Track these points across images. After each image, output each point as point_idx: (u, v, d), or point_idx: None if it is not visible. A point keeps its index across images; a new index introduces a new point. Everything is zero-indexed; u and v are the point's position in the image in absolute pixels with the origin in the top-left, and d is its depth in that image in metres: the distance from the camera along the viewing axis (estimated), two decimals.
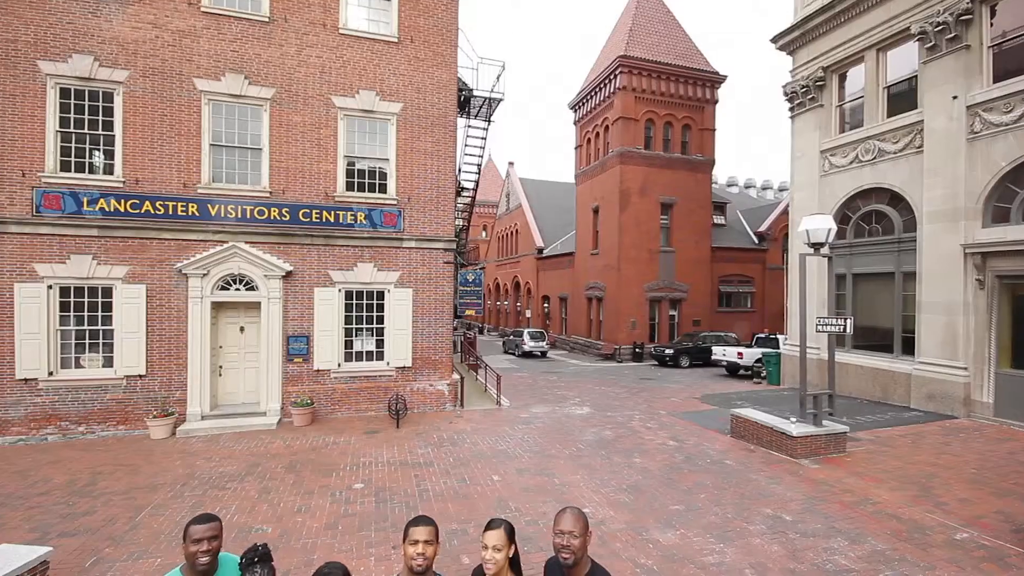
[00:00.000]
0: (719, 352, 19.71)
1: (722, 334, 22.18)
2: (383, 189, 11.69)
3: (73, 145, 9.93)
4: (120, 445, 9.34)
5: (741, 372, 19.26)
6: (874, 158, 13.21)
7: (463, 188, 17.39)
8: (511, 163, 41.20)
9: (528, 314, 36.37)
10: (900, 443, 9.30)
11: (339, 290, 11.33)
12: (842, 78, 14.52)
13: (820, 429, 8.58)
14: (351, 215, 11.37)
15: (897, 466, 8.06)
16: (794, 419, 8.91)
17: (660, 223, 24.75)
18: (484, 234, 52.04)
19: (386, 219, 11.61)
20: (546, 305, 34.19)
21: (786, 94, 15.75)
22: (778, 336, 19.25)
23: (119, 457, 8.63)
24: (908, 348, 12.54)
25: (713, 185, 28.25)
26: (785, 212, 26.74)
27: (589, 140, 27.46)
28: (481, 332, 42.24)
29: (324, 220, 11.19)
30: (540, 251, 34.00)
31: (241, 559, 2.28)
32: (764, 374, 17.00)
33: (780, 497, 6.93)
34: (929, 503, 6.66)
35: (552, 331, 31.95)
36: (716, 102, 25.53)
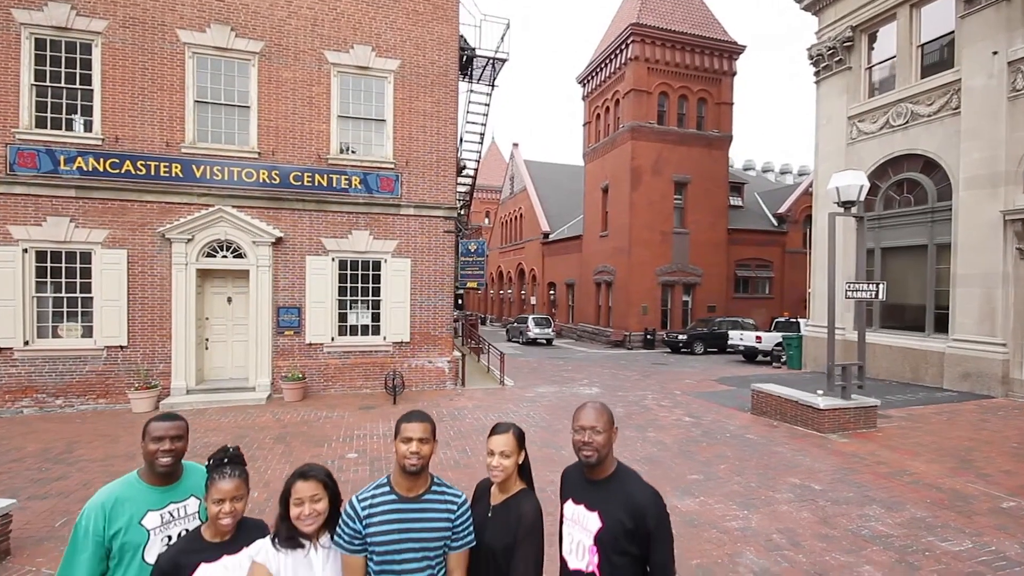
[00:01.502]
0: (736, 336, 19.43)
1: (739, 320, 21.89)
2: (379, 152, 11.44)
3: (49, 100, 9.72)
4: (100, 418, 9.19)
5: (760, 358, 18.99)
6: (906, 122, 12.85)
7: (464, 166, 17.11)
8: (515, 144, 40.80)
9: (533, 301, 36.13)
10: (934, 420, 9.04)
11: (332, 259, 11.12)
12: (872, 38, 14.13)
13: (849, 402, 8.32)
14: (345, 179, 11.13)
15: (933, 441, 7.81)
16: (820, 392, 8.65)
17: (673, 203, 24.41)
18: (487, 220, 51.74)
19: (382, 184, 11.37)
20: (552, 292, 33.95)
21: (811, 57, 15.38)
22: (799, 320, 18.93)
23: (98, 428, 8.47)
24: (941, 325, 12.24)
25: (729, 168, 27.86)
26: (807, 193, 26.35)
27: (598, 115, 27.10)
28: (483, 323, 42.02)
29: (316, 184, 10.96)
30: (546, 235, 33.72)
31: (209, 460, 2.06)
32: (784, 358, 16.73)
33: (807, 468, 6.70)
34: (970, 474, 6.40)
35: (558, 319, 31.72)
36: (734, 74, 25.11)
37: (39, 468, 6.58)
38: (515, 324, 27.64)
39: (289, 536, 1.95)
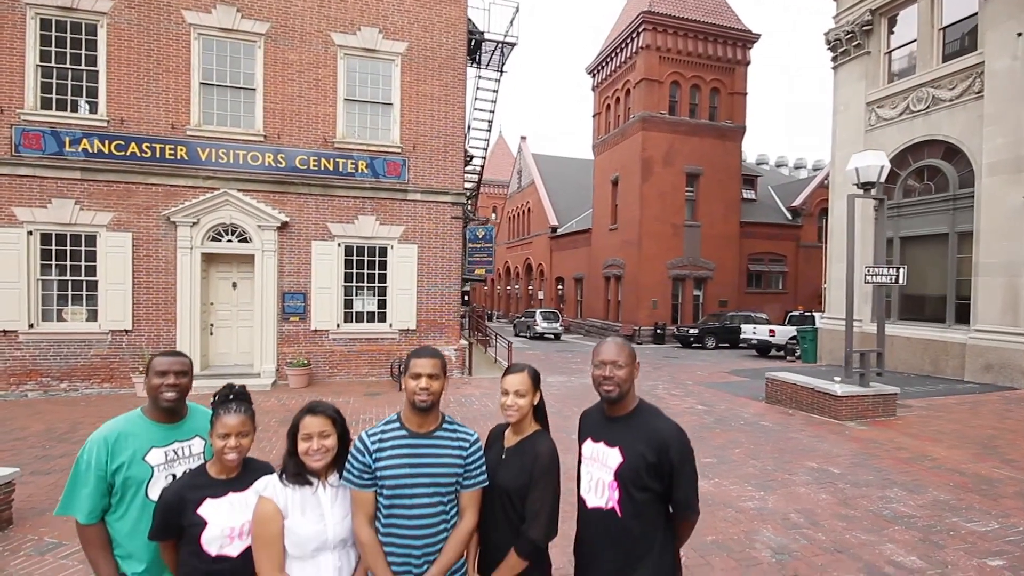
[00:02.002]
0: (748, 330, 19.27)
1: (751, 314, 21.71)
2: (386, 136, 11.42)
3: (55, 81, 9.78)
4: (104, 402, 9.24)
5: (773, 352, 18.82)
6: (927, 107, 12.66)
7: (471, 157, 17.05)
8: (523, 138, 40.70)
9: (541, 296, 36.05)
10: (956, 410, 8.89)
11: (338, 244, 11.11)
12: (892, 21, 13.93)
13: (867, 389, 8.20)
14: (351, 163, 11.12)
15: (955, 428, 7.67)
16: (838, 379, 8.53)
17: (685, 195, 24.24)
18: (494, 215, 51.70)
19: (389, 168, 11.35)
20: (560, 287, 33.87)
21: (828, 42, 15.19)
22: (814, 314, 18.73)
23: (102, 411, 8.51)
24: (963, 316, 12.05)
25: (742, 161, 27.62)
26: (823, 185, 26.11)
27: (609, 106, 26.96)
28: (490, 319, 42.00)
29: (322, 168, 10.96)
30: (554, 230, 33.62)
31: (214, 397, 2.03)
32: (798, 352, 16.57)
33: (825, 453, 6.60)
34: (995, 460, 6.28)
35: (567, 314, 31.63)
36: (748, 63, 24.89)
37: (43, 446, 6.61)
38: (522, 319, 27.59)
39: (297, 472, 1.91)
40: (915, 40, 13.14)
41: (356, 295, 11.38)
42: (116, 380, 9.97)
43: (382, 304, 11.51)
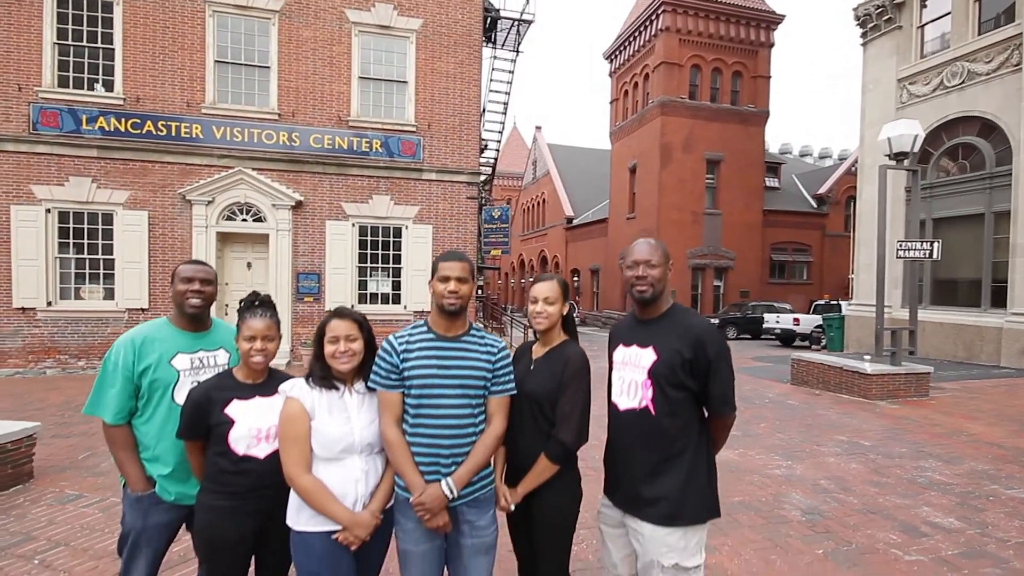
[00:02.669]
0: (771, 320, 19.01)
1: (774, 304, 21.41)
2: (401, 115, 11.46)
3: (71, 59, 9.96)
4: None
5: (797, 342, 18.55)
6: (962, 82, 12.36)
7: (486, 146, 17.04)
8: (538, 128, 40.54)
9: None
10: (992, 392, 8.69)
11: (353, 224, 11.19)
12: None
13: (899, 368, 8.05)
14: (366, 142, 11.18)
15: (992, 408, 7.50)
16: (868, 357, 8.39)
17: (705, 182, 23.95)
18: (509, 207, 51.66)
19: (404, 147, 11.39)
20: (576, 279, 33.75)
21: (857, 18, 14.89)
22: (840, 303, 18.42)
23: None
24: (999, 299, 11.75)
25: (765, 148, 27.21)
26: (850, 172, 25.64)
27: (627, 92, 26.75)
28: (504, 312, 41.98)
29: (337, 147, 11.03)
30: (569, 220, 33.49)
31: (240, 303, 2.06)
32: (824, 341, 16.31)
33: (855, 427, 6.49)
34: None
35: (583, 307, 31.52)
36: (772, 45, 24.50)
37: (61, 415, 6.77)
38: None
39: (323, 376, 1.93)
40: (949, 13, 12.82)
41: (371, 276, 11.45)
42: None
43: (396, 285, 11.57)
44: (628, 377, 1.92)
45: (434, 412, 1.86)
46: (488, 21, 13.58)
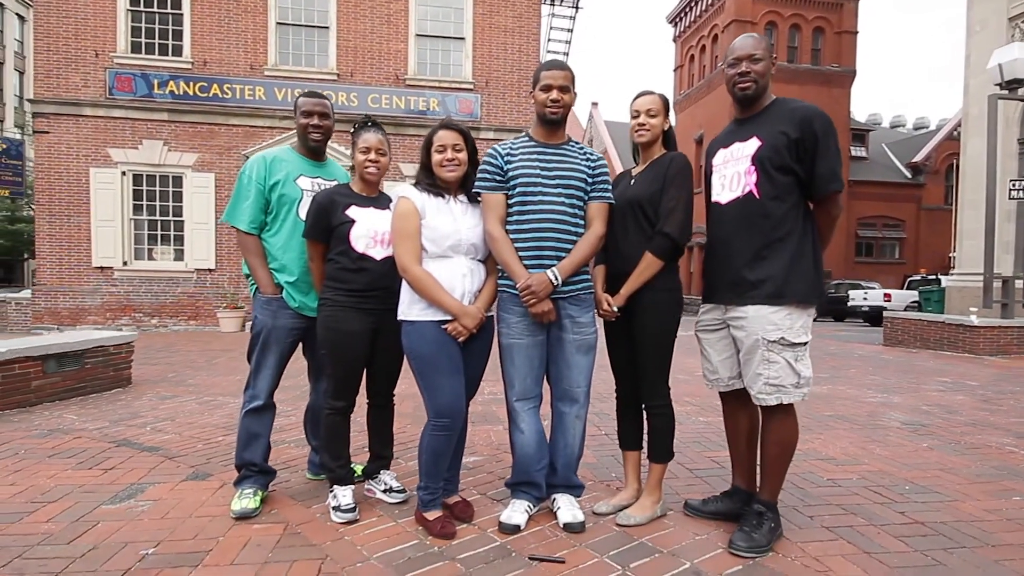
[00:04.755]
0: (858, 297, 18.23)
1: (860, 283, 20.47)
2: (458, 72, 11.78)
3: (143, 25, 10.84)
4: (192, 335, 10.22)
5: None
6: None
7: None
8: (594, 104, 40.24)
9: None
10: None
11: (411, 184, 11.59)
12: None
13: (1012, 321, 7.65)
14: (423, 101, 11.57)
15: None
16: (974, 309, 8.01)
17: None
18: None
19: (461, 106, 11.70)
20: None
21: None
22: (939, 277, 17.42)
23: (192, 338, 9.46)
24: None
25: (851, 113, 25.97)
26: (951, 137, 24.12)
27: (692, 57, 26.22)
28: None
29: (394, 106, 11.48)
30: None
31: (354, 126, 2.34)
32: None
33: (960, 373, 6.26)
34: None
35: None
36: None
37: (145, 354, 7.44)
38: None
39: (430, 183, 2.16)
40: None
41: None
42: (201, 318, 10.98)
43: None
44: (729, 172, 2.03)
45: (537, 209, 2.05)
46: None
